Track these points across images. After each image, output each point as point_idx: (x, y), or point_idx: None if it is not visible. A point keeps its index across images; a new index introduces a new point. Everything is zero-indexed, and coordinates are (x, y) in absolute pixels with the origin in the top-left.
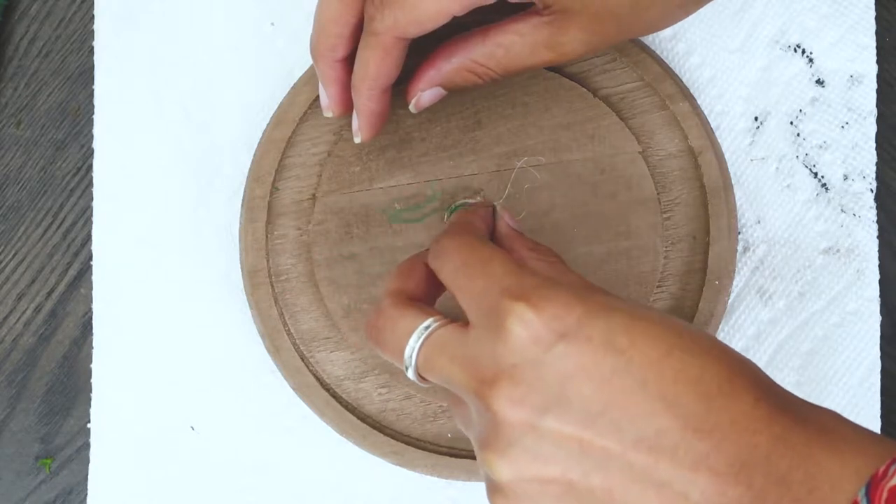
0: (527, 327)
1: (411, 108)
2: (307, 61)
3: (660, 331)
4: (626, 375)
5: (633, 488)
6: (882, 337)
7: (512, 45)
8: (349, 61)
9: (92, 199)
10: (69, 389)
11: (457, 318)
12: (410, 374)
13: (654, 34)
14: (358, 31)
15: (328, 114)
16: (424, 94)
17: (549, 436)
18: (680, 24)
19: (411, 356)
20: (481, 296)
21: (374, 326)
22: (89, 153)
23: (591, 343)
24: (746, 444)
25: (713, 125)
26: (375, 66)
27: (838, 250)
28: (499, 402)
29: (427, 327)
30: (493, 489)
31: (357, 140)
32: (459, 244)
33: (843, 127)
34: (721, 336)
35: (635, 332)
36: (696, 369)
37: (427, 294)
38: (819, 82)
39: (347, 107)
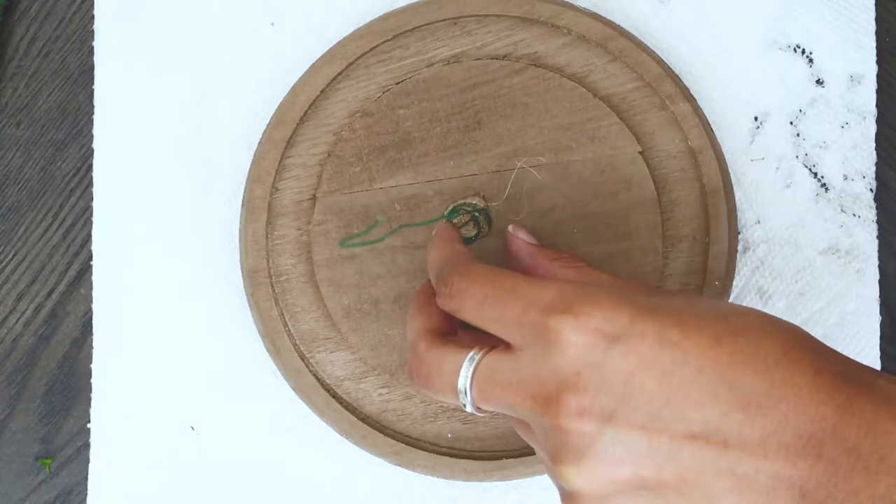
0: (582, 334)
1: None
2: (307, 61)
3: (707, 320)
4: (684, 366)
5: (706, 474)
6: (882, 337)
7: None
8: None
9: (92, 199)
10: (69, 389)
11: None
12: (469, 408)
13: (654, 33)
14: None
15: None
16: None
17: (619, 437)
18: (680, 24)
19: (465, 392)
20: (521, 319)
21: (419, 373)
22: (89, 153)
23: (645, 340)
24: (812, 416)
25: (713, 125)
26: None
27: (838, 250)
28: (566, 415)
29: (472, 359)
30: (569, 499)
31: None
32: (473, 279)
33: (842, 127)
34: None
35: (685, 324)
36: (750, 348)
37: (454, 324)
38: (819, 82)
39: None
